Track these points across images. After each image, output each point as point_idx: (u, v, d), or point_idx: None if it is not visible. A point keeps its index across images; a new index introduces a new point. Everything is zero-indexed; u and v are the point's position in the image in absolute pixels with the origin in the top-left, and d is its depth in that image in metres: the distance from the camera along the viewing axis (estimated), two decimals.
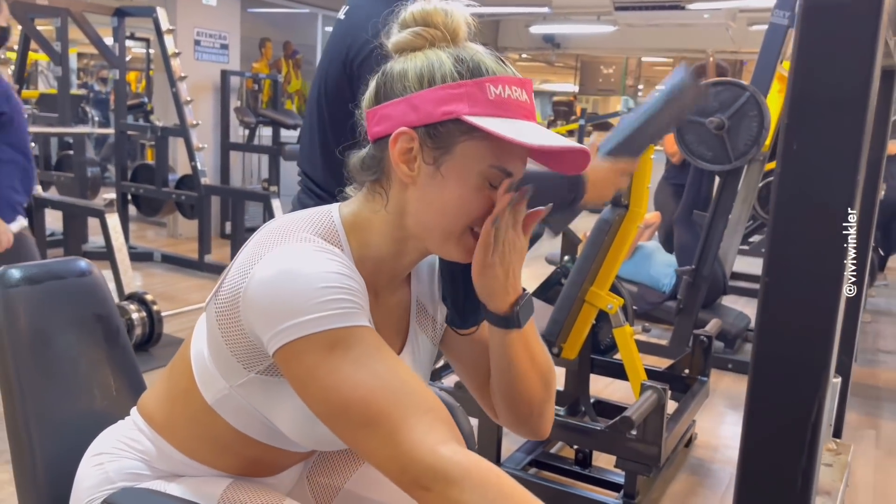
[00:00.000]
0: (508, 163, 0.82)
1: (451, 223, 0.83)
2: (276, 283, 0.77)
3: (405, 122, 0.81)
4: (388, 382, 0.75)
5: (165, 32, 4.85)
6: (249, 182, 6.59)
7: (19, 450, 1.11)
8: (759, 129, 2.96)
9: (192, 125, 4.85)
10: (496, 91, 0.80)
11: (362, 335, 0.77)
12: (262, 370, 0.84)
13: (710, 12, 6.99)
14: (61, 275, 1.21)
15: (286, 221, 0.86)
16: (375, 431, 0.74)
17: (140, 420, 0.99)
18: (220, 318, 0.84)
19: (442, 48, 0.83)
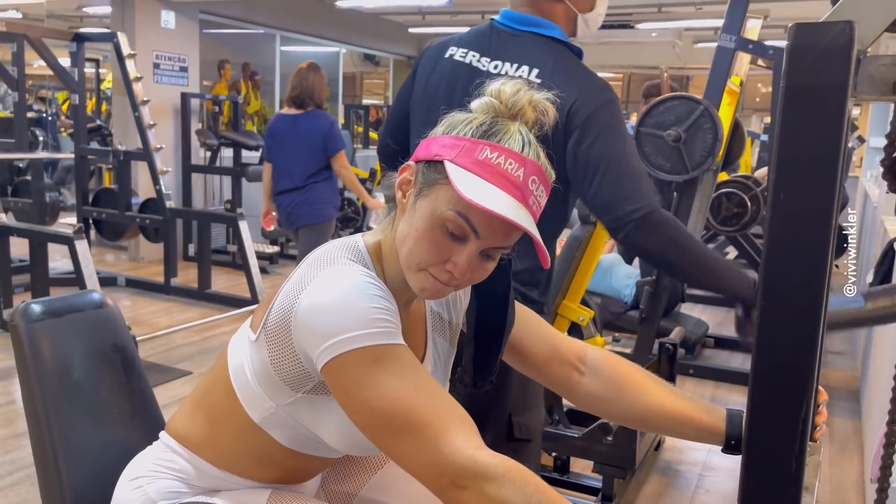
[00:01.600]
0: (474, 217, 0.85)
1: (407, 255, 0.90)
2: (326, 303, 0.86)
3: (416, 157, 0.93)
4: (427, 394, 0.84)
5: (127, 57, 4.85)
6: (212, 204, 6.57)
7: (46, 473, 1.17)
8: (713, 141, 3.13)
9: (155, 149, 4.84)
10: (490, 155, 0.86)
11: (401, 352, 0.86)
12: (309, 390, 0.93)
13: (657, 31, 7.28)
14: (80, 307, 1.27)
15: (326, 251, 0.95)
16: (416, 437, 0.82)
17: (173, 442, 1.06)
18: (270, 346, 0.92)
19: (487, 116, 0.90)
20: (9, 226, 3.99)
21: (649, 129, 3.23)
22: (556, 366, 1.10)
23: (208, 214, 5.19)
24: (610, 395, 1.09)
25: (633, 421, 1.11)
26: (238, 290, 5.03)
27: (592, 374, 1.10)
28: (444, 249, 0.88)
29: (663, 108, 3.22)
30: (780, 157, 0.54)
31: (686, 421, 1.05)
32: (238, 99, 6.42)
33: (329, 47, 8.45)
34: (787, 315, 0.61)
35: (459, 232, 0.87)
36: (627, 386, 1.09)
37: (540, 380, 1.14)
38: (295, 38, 7.76)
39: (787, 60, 0.53)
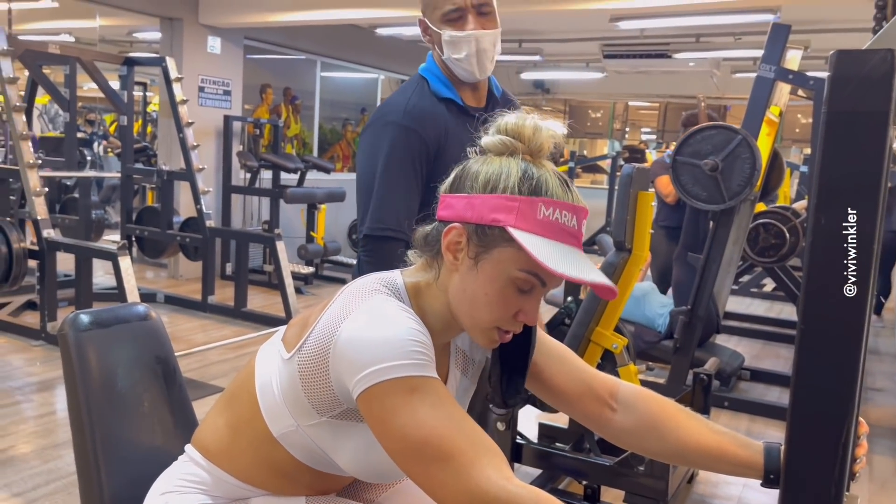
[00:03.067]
0: (541, 273, 0.90)
1: (477, 316, 0.94)
2: (366, 334, 0.89)
3: (461, 217, 0.93)
4: (460, 425, 0.86)
5: (174, 80, 5.00)
6: (250, 224, 6.69)
7: (87, 480, 1.20)
8: (751, 170, 3.11)
9: (198, 169, 4.97)
10: (546, 213, 0.89)
11: (436, 385, 0.88)
12: (335, 415, 0.95)
13: (695, 61, 7.27)
14: (126, 319, 1.31)
15: (365, 283, 0.98)
16: (448, 466, 0.84)
17: (194, 453, 1.09)
18: (304, 371, 0.94)
19: (518, 159, 0.92)
20: (57, 241, 4.12)
21: (686, 157, 3.22)
22: (587, 402, 1.10)
23: (246, 234, 5.29)
24: (642, 431, 1.09)
25: (668, 456, 1.10)
26: (273, 309, 5.10)
27: (624, 410, 1.10)
28: (515, 304, 0.93)
29: (700, 137, 3.21)
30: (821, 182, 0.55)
31: (722, 455, 1.04)
32: (279, 122, 6.56)
33: (368, 73, 8.60)
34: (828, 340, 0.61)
35: (530, 288, 0.92)
36: (660, 421, 1.08)
37: (571, 414, 1.15)
38: (335, 64, 7.92)
39: (829, 87, 0.54)
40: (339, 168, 8.18)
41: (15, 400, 3.32)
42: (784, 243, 4.76)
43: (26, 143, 4.10)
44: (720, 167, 3.15)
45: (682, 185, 3.27)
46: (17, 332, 4.29)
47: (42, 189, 4.09)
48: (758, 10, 4.89)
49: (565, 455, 2.39)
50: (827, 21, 6.13)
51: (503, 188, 0.90)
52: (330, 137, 8.20)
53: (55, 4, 6.17)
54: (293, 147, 7.53)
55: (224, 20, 6.01)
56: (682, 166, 3.23)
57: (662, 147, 10.96)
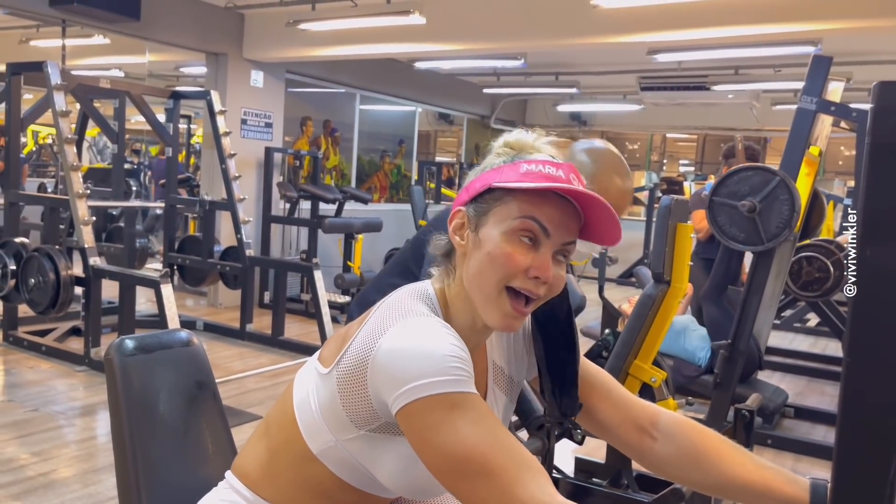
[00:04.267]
0: (538, 214, 0.92)
1: (485, 281, 0.94)
2: (405, 350, 0.89)
3: (459, 203, 0.99)
4: (503, 442, 0.85)
5: (218, 113, 5.14)
6: (288, 253, 6.79)
7: (127, 500, 1.22)
8: (790, 212, 3.06)
9: (239, 200, 5.08)
10: (528, 167, 0.94)
11: (476, 400, 0.88)
12: (373, 429, 0.95)
13: (734, 93, 7.22)
14: (170, 344, 1.34)
15: (400, 298, 0.99)
16: (491, 483, 0.83)
17: (235, 480, 1.09)
18: (342, 384, 0.95)
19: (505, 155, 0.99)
20: (102, 269, 4.23)
21: (723, 198, 3.19)
22: (628, 429, 1.10)
23: (285, 263, 5.36)
24: (684, 462, 1.07)
25: (710, 489, 1.08)
26: (309, 337, 5.14)
27: (665, 439, 1.08)
28: (523, 258, 0.93)
29: (737, 178, 3.18)
30: (865, 214, 0.55)
31: (766, 491, 1.01)
32: (318, 154, 6.68)
33: (406, 106, 8.73)
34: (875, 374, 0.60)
35: (531, 234, 0.93)
36: (702, 452, 1.06)
37: (611, 442, 1.14)
38: (374, 97, 8.06)
39: (872, 118, 0.54)
40: (376, 199, 8.28)
41: (58, 424, 3.39)
42: (828, 277, 4.66)
43: (76, 174, 4.24)
44: (758, 209, 3.11)
45: (720, 226, 3.23)
46: (61, 357, 4.39)
47: (90, 218, 4.22)
48: (798, 42, 4.85)
49: (603, 490, 2.35)
50: (869, 53, 6.06)
51: (490, 166, 0.98)
52: (368, 168, 8.32)
53: (107, 41, 6.40)
54: (332, 178, 7.65)
55: (267, 55, 6.18)
56: (719, 207, 3.20)
57: (703, 180, 10.86)
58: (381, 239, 7.32)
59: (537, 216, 0.93)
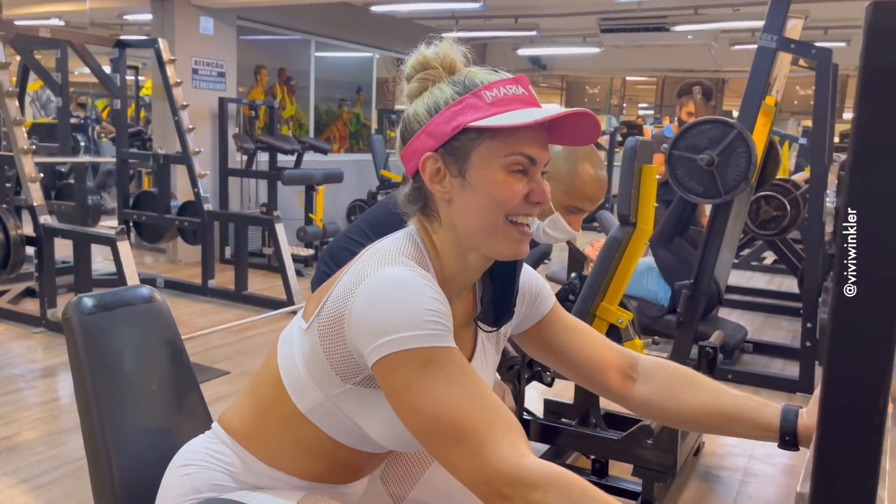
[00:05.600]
0: (524, 148, 0.91)
1: (490, 218, 0.93)
2: (379, 302, 0.86)
3: (427, 150, 0.94)
4: (475, 400, 0.84)
5: (167, 62, 4.94)
6: (247, 207, 6.66)
7: (96, 463, 1.19)
8: (747, 165, 3.09)
9: (194, 153, 4.93)
10: (492, 94, 0.91)
11: (452, 356, 0.86)
12: (358, 382, 0.93)
13: (693, 34, 7.20)
14: (131, 301, 1.29)
15: (384, 246, 0.96)
16: (463, 445, 0.82)
17: (224, 434, 1.07)
18: (323, 336, 0.93)
19: (443, 81, 0.95)
20: (54, 227, 4.09)
21: (682, 152, 3.19)
22: (610, 375, 1.11)
23: (246, 217, 5.26)
24: (663, 400, 1.09)
25: (687, 422, 1.10)
26: (274, 292, 5.09)
27: (644, 380, 1.11)
28: (519, 187, 0.92)
29: (696, 131, 3.18)
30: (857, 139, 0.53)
31: (739, 418, 1.04)
32: (274, 104, 6.50)
33: (363, 52, 8.52)
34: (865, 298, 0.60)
35: (522, 167, 0.92)
36: (679, 387, 1.09)
37: (593, 388, 1.15)
38: (330, 43, 7.84)
39: (866, 40, 0.52)
40: (336, 149, 8.13)
41: (18, 387, 3.31)
42: (785, 215, 4.74)
43: (20, 129, 4.06)
44: (716, 162, 3.13)
45: (678, 180, 3.25)
46: (17, 319, 4.27)
47: (37, 175, 4.06)
48: None
49: (572, 430, 2.39)
50: None
51: (444, 102, 0.93)
52: (326, 118, 8.15)
53: None
54: (289, 129, 7.48)
55: (216, 0, 5.93)
56: (678, 160, 3.21)
57: (660, 124, 10.91)
58: (342, 190, 7.22)
59: (523, 149, 0.92)
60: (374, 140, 7.43)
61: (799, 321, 4.80)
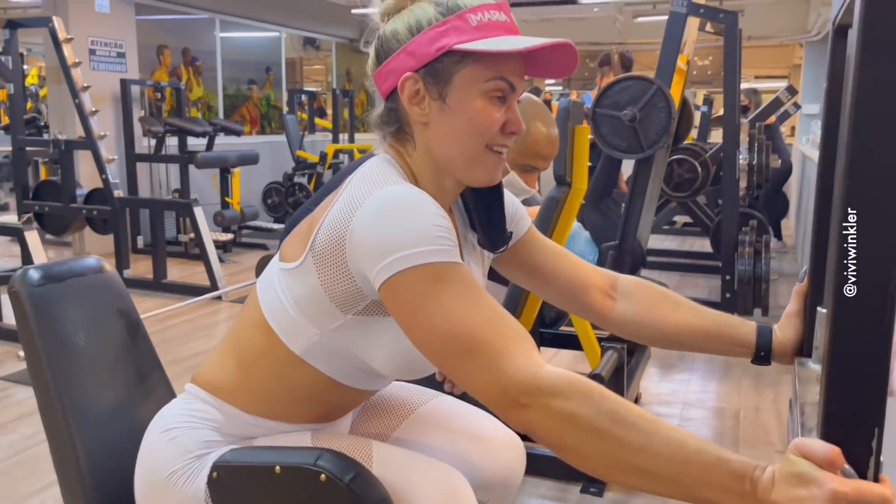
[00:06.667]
0: (505, 73, 0.91)
1: (468, 146, 0.93)
2: (385, 220, 0.84)
3: (407, 69, 0.92)
4: (487, 314, 0.83)
5: (64, 42, 4.64)
6: (158, 193, 6.37)
7: (58, 441, 1.12)
8: (667, 119, 3.21)
9: (99, 137, 4.67)
10: (477, 18, 0.90)
11: (462, 271, 0.85)
12: (360, 310, 0.91)
13: (599, 6, 7.37)
14: (81, 272, 1.22)
15: (366, 173, 0.93)
16: (478, 358, 0.80)
17: (202, 392, 1.03)
18: (320, 267, 0.90)
19: (424, 0, 0.94)
20: None
21: (605, 109, 3.27)
22: (592, 293, 1.12)
23: (161, 202, 5.05)
24: (643, 319, 1.11)
25: (667, 340, 1.12)
26: (195, 278, 4.91)
27: (624, 299, 1.13)
28: (498, 116, 0.92)
29: (618, 88, 3.26)
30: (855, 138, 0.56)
31: (717, 335, 1.08)
32: (180, 85, 6.23)
33: (270, 32, 8.27)
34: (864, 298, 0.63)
35: (502, 93, 0.92)
36: (658, 305, 1.11)
37: (573, 308, 1.16)
38: (235, 21, 7.57)
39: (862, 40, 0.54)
40: (247, 131, 7.89)
41: None
42: (697, 177, 4.96)
43: None
44: (638, 117, 3.23)
45: (603, 137, 3.33)
46: None
47: None
48: None
49: None
50: None
51: (427, 22, 0.92)
52: (235, 100, 7.88)
53: None
54: (198, 111, 7.19)
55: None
56: (601, 118, 3.29)
57: (570, 96, 11.13)
58: (257, 172, 7.02)
59: (505, 75, 0.92)
60: (287, 120, 7.24)
61: (713, 278, 5.07)
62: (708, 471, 0.70)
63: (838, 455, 0.66)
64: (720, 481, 0.69)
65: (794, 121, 8.45)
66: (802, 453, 0.67)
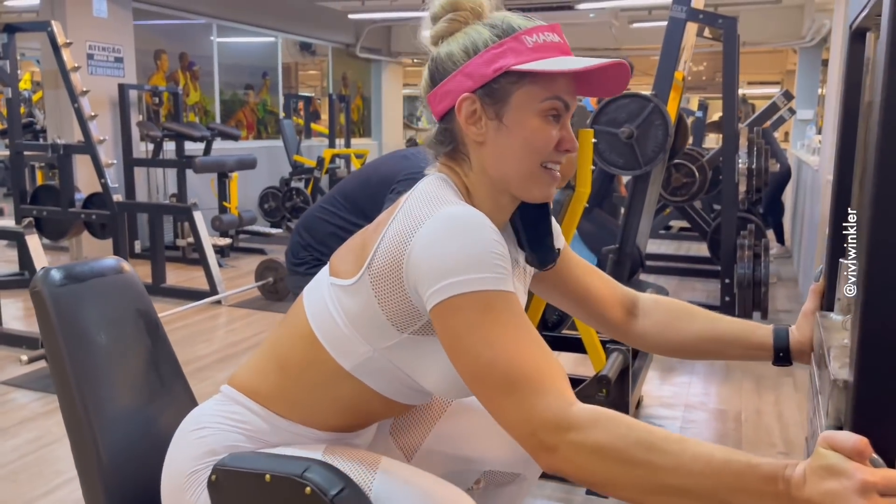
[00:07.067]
0: (560, 93, 0.93)
1: (524, 164, 0.94)
2: (446, 240, 0.85)
3: (464, 90, 0.94)
4: (530, 349, 0.83)
5: (63, 46, 4.64)
6: (155, 198, 6.36)
7: (79, 439, 1.13)
8: (664, 136, 3.24)
9: (99, 141, 4.66)
10: (533, 39, 0.92)
11: (512, 301, 0.85)
12: (416, 330, 0.92)
13: (595, 12, 7.42)
14: (102, 272, 1.23)
15: (423, 192, 0.93)
16: (514, 394, 0.80)
17: (240, 396, 1.04)
18: (377, 286, 0.90)
19: (474, 23, 0.96)
20: None
21: (603, 126, 3.30)
22: (614, 311, 1.15)
23: (161, 207, 5.03)
24: (663, 334, 1.14)
25: (686, 351, 1.14)
26: (194, 283, 4.91)
27: (644, 315, 1.16)
28: (553, 134, 0.94)
29: (615, 105, 3.29)
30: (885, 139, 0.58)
31: (735, 342, 1.10)
32: (178, 90, 6.23)
33: (266, 37, 8.29)
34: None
35: (557, 112, 0.94)
36: (677, 320, 1.14)
37: (595, 323, 1.18)
38: (231, 27, 7.58)
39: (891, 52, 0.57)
40: (244, 136, 7.89)
41: None
42: (694, 182, 5.00)
43: None
44: (635, 135, 3.26)
45: (600, 153, 3.36)
46: None
47: None
48: None
49: None
50: None
51: (483, 44, 0.93)
52: (232, 105, 7.88)
53: None
54: (195, 116, 7.19)
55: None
56: (599, 135, 3.32)
57: None
58: (253, 177, 7.03)
59: (561, 94, 0.94)
60: (284, 125, 7.25)
61: (710, 282, 5.10)
62: (740, 478, 0.71)
63: (866, 445, 0.67)
64: (754, 486, 0.70)
65: (787, 127, 8.52)
66: (831, 445, 0.69)
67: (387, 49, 10.36)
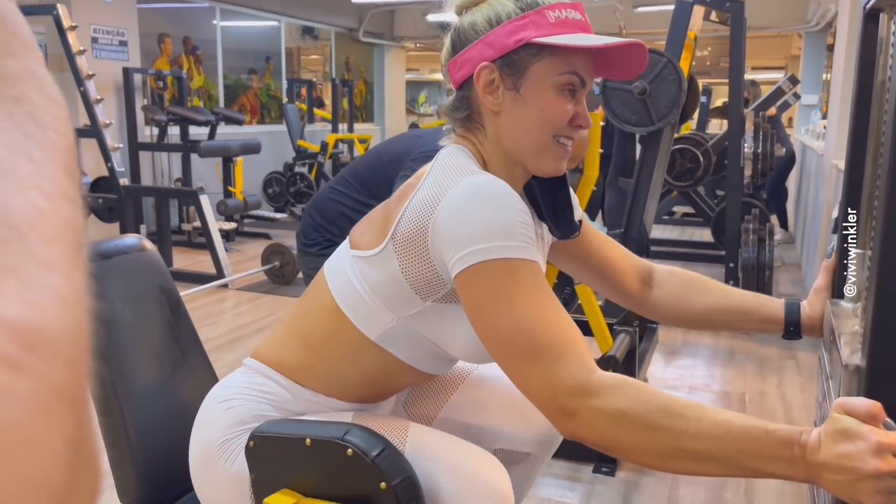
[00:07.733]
0: (578, 68, 0.95)
1: (538, 136, 0.96)
2: (472, 208, 0.86)
3: (484, 59, 0.96)
4: (552, 317, 0.85)
5: (68, 29, 4.64)
6: (160, 182, 6.38)
7: (107, 412, 1.16)
8: (677, 92, 3.24)
9: (105, 125, 4.67)
10: (555, 14, 0.94)
11: (535, 269, 0.87)
12: (439, 298, 0.94)
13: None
14: (126, 250, 1.26)
15: (446, 162, 0.95)
16: (536, 361, 0.83)
17: (265, 368, 1.06)
18: (401, 254, 0.92)
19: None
20: None
21: (615, 83, 3.31)
22: (631, 281, 1.18)
23: (167, 191, 5.06)
24: (677, 303, 1.17)
25: (700, 322, 1.17)
26: (201, 266, 4.93)
27: (659, 286, 1.19)
28: (568, 108, 0.95)
29: None
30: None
31: (747, 313, 1.13)
32: (182, 74, 6.23)
33: (269, 21, 8.26)
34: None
35: (573, 87, 0.95)
36: (691, 289, 1.17)
37: (612, 293, 1.20)
38: (234, 10, 7.56)
39: None
40: (248, 120, 7.89)
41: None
42: (698, 166, 5.01)
43: None
44: (648, 90, 3.26)
45: (613, 110, 3.37)
46: None
47: None
48: None
49: None
50: None
51: (507, 15, 0.95)
52: (235, 89, 7.88)
53: None
54: (199, 100, 7.19)
55: None
56: (612, 92, 3.32)
57: None
58: (258, 161, 7.04)
59: (578, 70, 0.95)
60: (287, 109, 7.25)
61: (714, 266, 5.12)
62: (758, 443, 0.73)
63: (880, 409, 0.70)
64: (771, 451, 0.73)
65: (791, 112, 8.50)
66: (846, 410, 0.71)
67: (390, 33, 10.32)
